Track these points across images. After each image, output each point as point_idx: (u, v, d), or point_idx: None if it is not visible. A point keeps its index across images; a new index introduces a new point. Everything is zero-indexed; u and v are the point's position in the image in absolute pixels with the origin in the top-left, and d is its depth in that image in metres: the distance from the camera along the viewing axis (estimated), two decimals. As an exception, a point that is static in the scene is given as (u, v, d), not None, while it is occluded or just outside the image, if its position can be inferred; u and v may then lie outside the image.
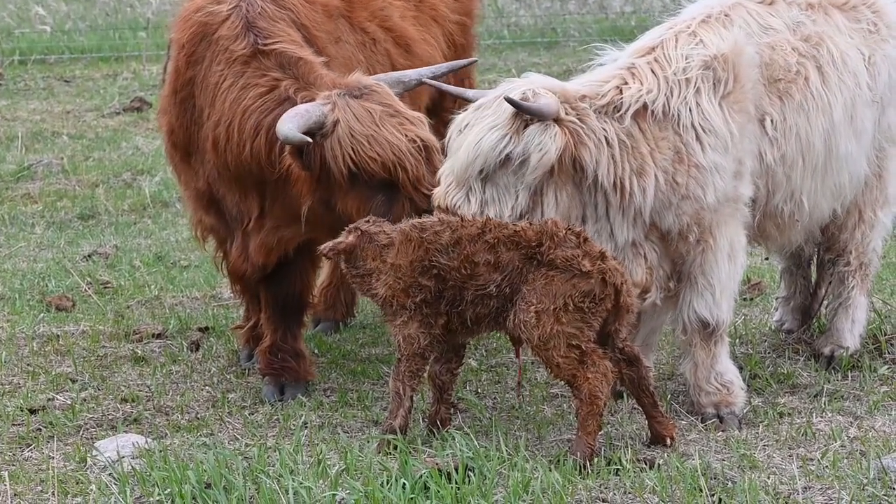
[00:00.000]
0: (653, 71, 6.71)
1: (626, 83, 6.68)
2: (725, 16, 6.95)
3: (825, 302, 7.94)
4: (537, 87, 6.54)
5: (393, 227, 6.41)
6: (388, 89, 6.89)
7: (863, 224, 7.60)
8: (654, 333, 7.29)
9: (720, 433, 6.67)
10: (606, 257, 6.22)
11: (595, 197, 6.63)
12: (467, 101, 6.81)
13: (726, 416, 6.82)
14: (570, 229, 6.24)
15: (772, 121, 6.90)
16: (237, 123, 6.99)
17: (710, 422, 6.79)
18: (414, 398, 6.44)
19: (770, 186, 6.99)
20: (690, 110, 6.66)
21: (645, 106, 6.64)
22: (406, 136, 6.73)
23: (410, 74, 7.31)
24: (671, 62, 6.73)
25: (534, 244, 6.19)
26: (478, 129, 6.50)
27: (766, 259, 9.29)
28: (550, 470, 6.02)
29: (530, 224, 6.30)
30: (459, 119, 6.64)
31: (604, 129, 6.57)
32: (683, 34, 6.84)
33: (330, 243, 6.41)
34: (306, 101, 6.83)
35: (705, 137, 6.67)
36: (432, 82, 7.28)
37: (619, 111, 6.61)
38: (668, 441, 6.40)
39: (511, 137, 6.44)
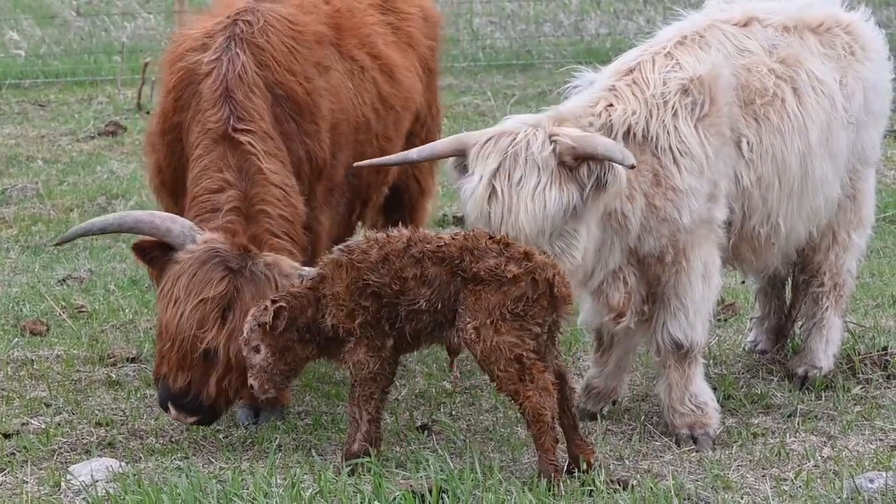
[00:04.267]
0: (633, 93, 6.69)
1: (612, 105, 6.66)
2: (701, 37, 6.93)
3: (799, 322, 7.97)
4: (557, 131, 6.40)
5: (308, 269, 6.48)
6: (275, 290, 6.64)
7: (837, 245, 7.62)
8: (627, 355, 7.30)
9: (694, 454, 6.69)
10: (532, 255, 6.12)
11: (606, 221, 6.60)
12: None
13: (700, 437, 6.82)
14: (490, 238, 6.16)
15: (748, 143, 6.88)
16: (188, 202, 7.04)
17: (684, 443, 6.81)
18: (371, 422, 6.38)
19: (746, 209, 6.98)
20: (668, 133, 6.65)
21: (629, 129, 6.64)
22: (178, 318, 6.68)
23: None
24: (649, 84, 6.71)
25: (456, 260, 6.13)
26: (528, 193, 6.30)
27: (743, 282, 9.29)
28: (524, 491, 6.01)
29: (453, 238, 6.21)
30: (478, 187, 6.38)
31: None
32: (660, 56, 6.82)
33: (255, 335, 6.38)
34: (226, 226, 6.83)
35: (682, 160, 6.66)
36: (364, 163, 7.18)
37: (611, 133, 6.59)
38: (586, 464, 6.25)
39: (568, 190, 6.31)
